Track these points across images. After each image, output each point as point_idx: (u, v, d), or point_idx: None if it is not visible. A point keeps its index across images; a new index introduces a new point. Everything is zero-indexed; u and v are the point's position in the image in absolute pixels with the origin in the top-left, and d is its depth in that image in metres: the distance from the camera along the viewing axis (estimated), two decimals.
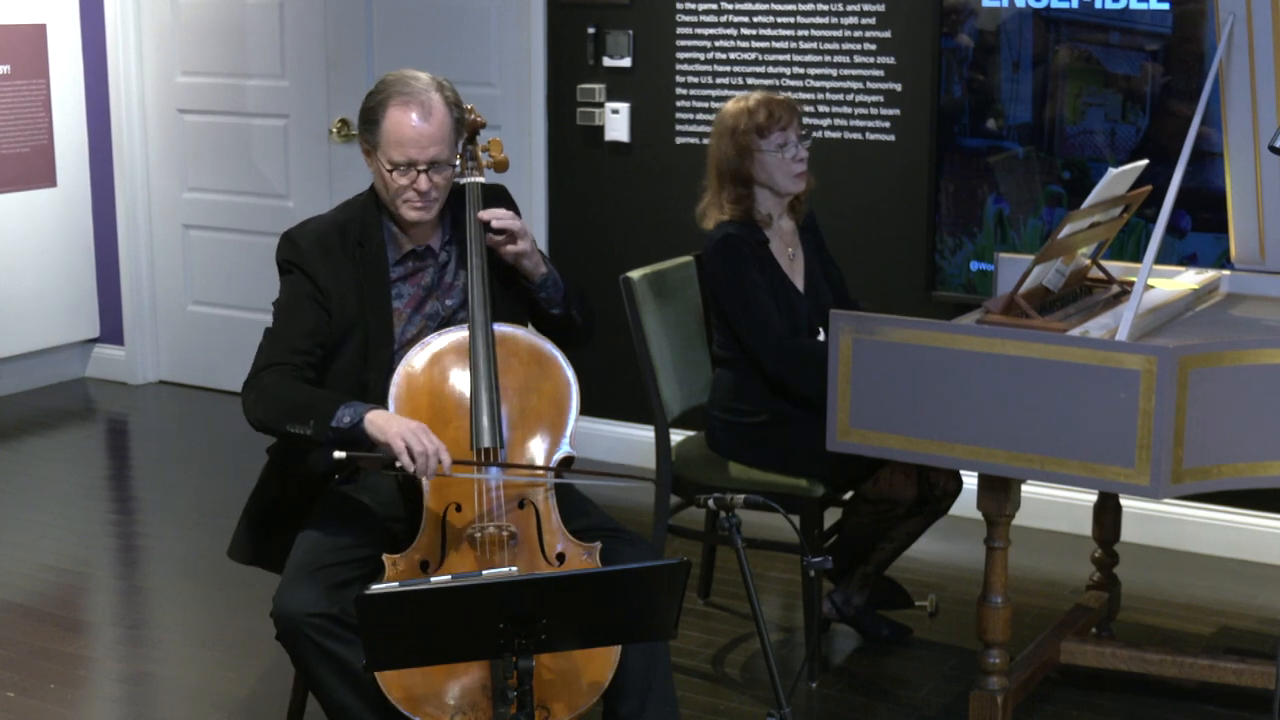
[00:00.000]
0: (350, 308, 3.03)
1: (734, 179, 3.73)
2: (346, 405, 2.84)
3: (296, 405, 2.88)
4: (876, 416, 3.26)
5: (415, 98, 2.99)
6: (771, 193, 3.76)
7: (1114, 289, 3.70)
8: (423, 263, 3.11)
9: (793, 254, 3.84)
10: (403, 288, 3.09)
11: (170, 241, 6.54)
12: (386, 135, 2.99)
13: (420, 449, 2.77)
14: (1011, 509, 3.29)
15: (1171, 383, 2.98)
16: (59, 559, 4.65)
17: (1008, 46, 4.61)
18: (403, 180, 2.99)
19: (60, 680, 3.82)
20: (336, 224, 3.10)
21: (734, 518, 2.69)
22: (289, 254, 3.06)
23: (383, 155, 3.01)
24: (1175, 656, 3.57)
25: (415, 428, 2.79)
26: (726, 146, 3.73)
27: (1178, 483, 3.04)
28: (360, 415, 2.82)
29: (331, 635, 2.78)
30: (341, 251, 3.05)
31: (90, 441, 6.03)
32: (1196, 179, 4.30)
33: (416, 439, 2.77)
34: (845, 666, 3.91)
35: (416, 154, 2.98)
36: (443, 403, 2.95)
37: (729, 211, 3.74)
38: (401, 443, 2.77)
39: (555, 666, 2.76)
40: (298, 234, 3.08)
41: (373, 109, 3.03)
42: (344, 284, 3.03)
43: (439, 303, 3.10)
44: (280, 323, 3.04)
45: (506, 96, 5.55)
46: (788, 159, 3.72)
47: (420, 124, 2.98)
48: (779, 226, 3.81)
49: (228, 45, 6.23)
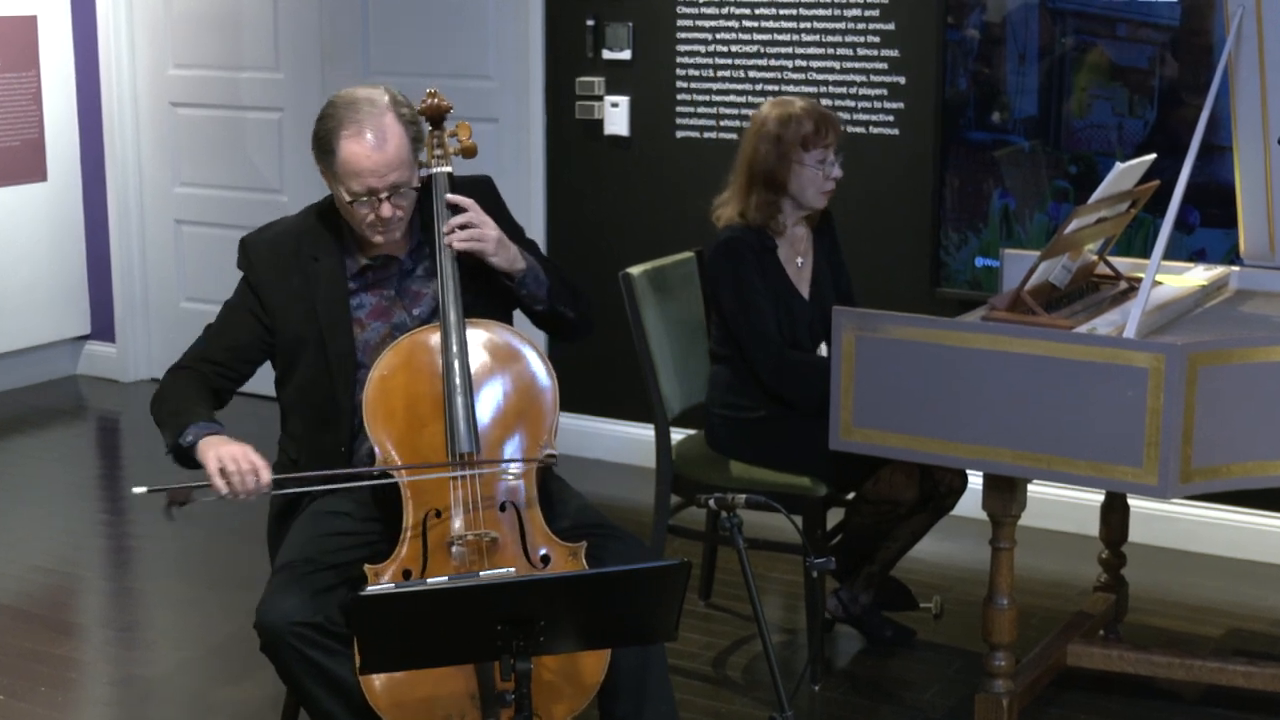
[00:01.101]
0: (297, 321, 3.03)
1: (767, 184, 3.71)
2: (198, 425, 2.89)
3: (168, 412, 2.96)
4: (880, 415, 3.25)
5: (366, 124, 2.92)
6: (795, 204, 3.76)
7: (1121, 285, 3.69)
8: (385, 271, 3.07)
9: (801, 262, 3.83)
10: (364, 297, 3.06)
11: (162, 237, 6.54)
12: (342, 166, 2.93)
13: (234, 469, 2.78)
14: (1017, 509, 3.28)
15: (1180, 381, 2.98)
16: (49, 560, 4.65)
17: (1014, 39, 4.60)
18: (364, 210, 2.96)
19: (50, 683, 3.81)
20: (294, 234, 3.08)
21: (735, 518, 2.69)
22: (241, 263, 3.11)
23: (341, 185, 2.96)
24: (1184, 659, 3.57)
25: (234, 451, 2.81)
26: (768, 151, 3.70)
27: (1186, 482, 3.04)
28: (199, 437, 2.87)
29: (316, 645, 2.77)
30: (294, 264, 3.05)
31: (81, 440, 6.03)
32: (1205, 173, 4.30)
33: (232, 460, 2.79)
34: (848, 669, 3.91)
35: (375, 183, 2.92)
36: (417, 406, 2.92)
37: (752, 215, 3.73)
38: (216, 464, 2.79)
39: (550, 667, 2.75)
40: (251, 243, 3.10)
41: (325, 137, 2.96)
42: (293, 297, 3.03)
43: (406, 312, 3.06)
44: (215, 328, 3.11)
45: (504, 89, 5.54)
46: (823, 176, 3.72)
47: (375, 152, 2.91)
48: (791, 234, 3.81)
49: (221, 37, 6.23)
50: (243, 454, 2.81)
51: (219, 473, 2.78)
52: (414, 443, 2.89)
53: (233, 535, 4.64)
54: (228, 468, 2.78)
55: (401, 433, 2.89)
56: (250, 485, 2.79)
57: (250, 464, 2.80)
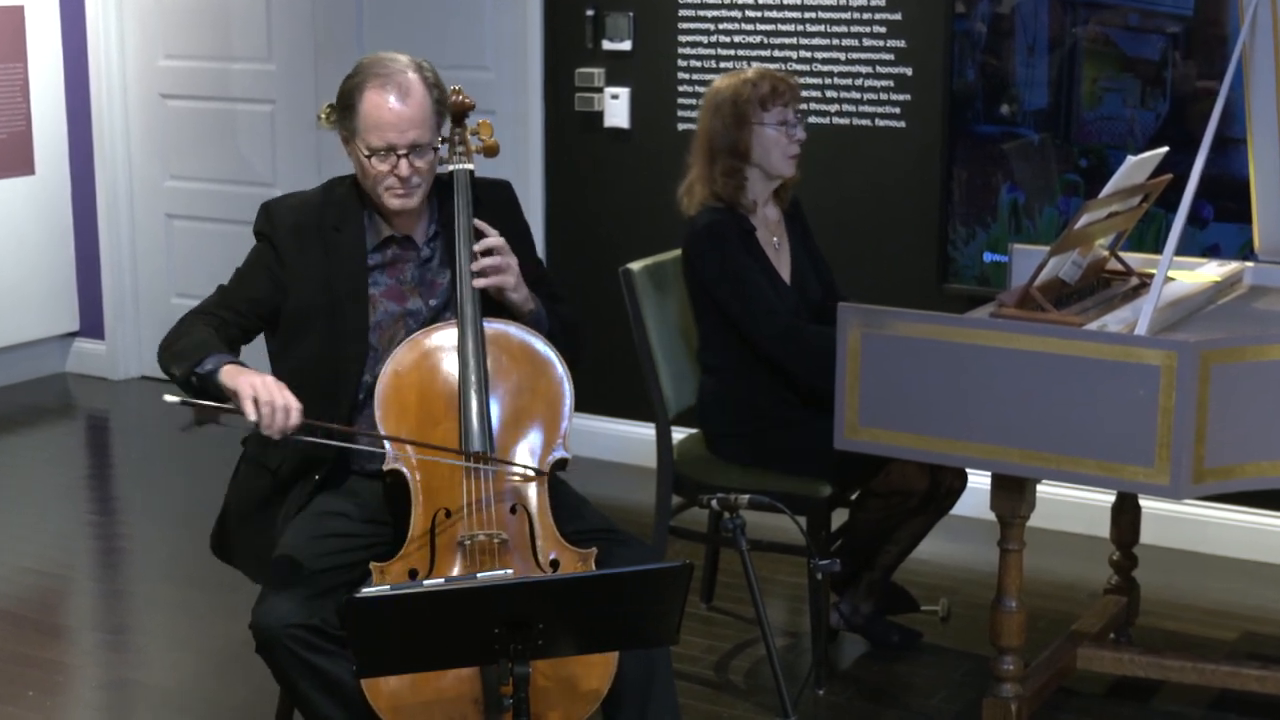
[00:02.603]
0: (312, 292, 3.03)
1: (729, 152, 3.69)
2: (216, 355, 2.87)
3: (183, 348, 2.92)
4: (886, 414, 3.26)
5: (391, 79, 2.98)
6: (762, 174, 3.73)
7: (1133, 281, 3.69)
8: (403, 253, 3.09)
9: (778, 244, 3.82)
10: (379, 276, 3.07)
11: (153, 231, 6.54)
12: (363, 120, 2.98)
13: (267, 399, 2.75)
14: (1026, 510, 3.29)
15: (1193, 379, 2.98)
16: (37, 561, 4.65)
17: (1023, 29, 4.60)
18: (382, 166, 2.98)
19: (39, 687, 3.82)
20: (316, 205, 3.11)
21: (738, 519, 2.69)
22: (262, 225, 3.10)
23: (360, 141, 3.00)
24: (1196, 663, 3.57)
25: (268, 382, 2.79)
26: (724, 117, 3.68)
27: (1199, 482, 3.04)
28: (220, 364, 2.84)
29: (313, 647, 2.78)
30: (316, 233, 3.06)
31: (70, 439, 6.03)
32: (1219, 167, 4.30)
33: (265, 391, 2.76)
34: (853, 673, 3.91)
35: (395, 138, 2.96)
36: (431, 403, 2.93)
37: (720, 187, 3.69)
38: (250, 391, 2.76)
39: (552, 674, 2.75)
40: (275, 206, 3.12)
41: (348, 93, 3.02)
42: (311, 267, 3.04)
43: (422, 301, 3.08)
44: (231, 284, 3.09)
45: (502, 81, 5.54)
46: (786, 137, 3.70)
47: (398, 106, 2.96)
48: (764, 214, 3.79)
49: (212, 28, 6.23)
50: (277, 387, 2.78)
51: (251, 400, 2.75)
52: (426, 440, 2.89)
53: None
54: (260, 396, 2.75)
55: (413, 430, 2.90)
56: (280, 422, 2.76)
57: (284, 400, 2.77)
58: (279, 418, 2.76)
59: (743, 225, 3.71)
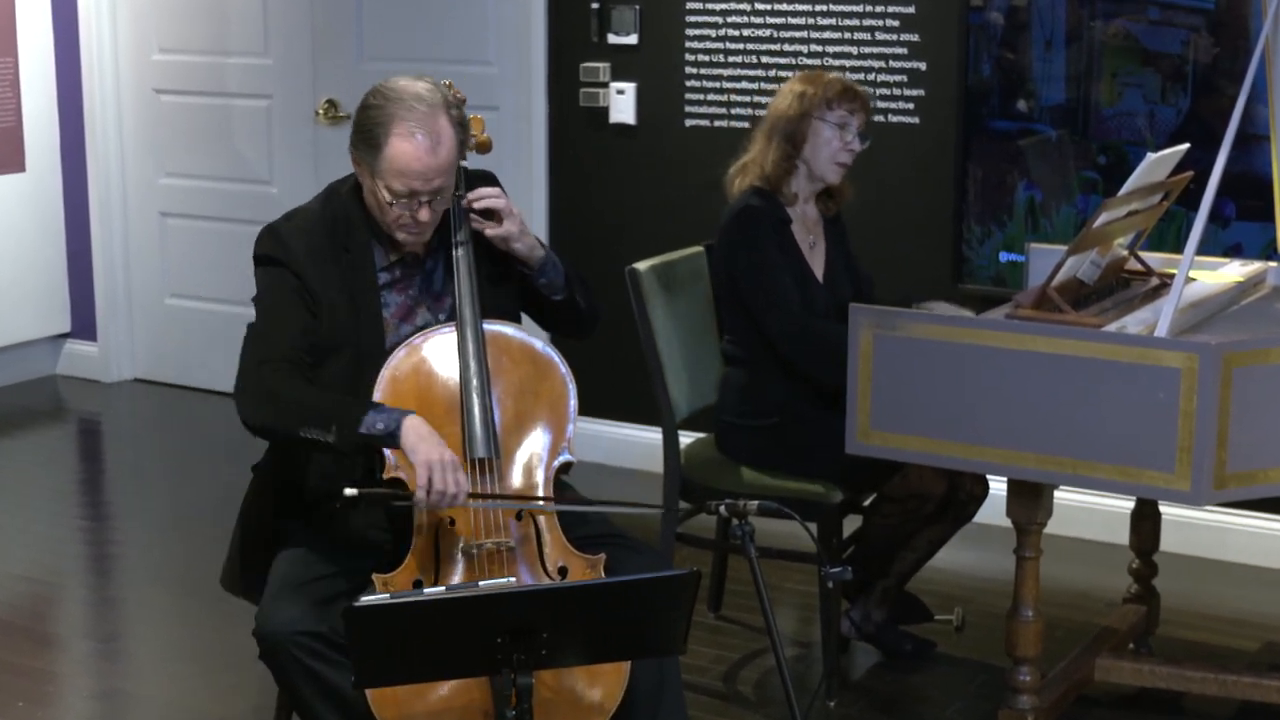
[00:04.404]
0: (340, 316, 2.95)
1: (786, 138, 3.76)
2: (377, 410, 2.78)
3: (313, 407, 2.81)
4: (898, 417, 3.26)
5: (423, 125, 2.87)
6: (808, 172, 3.77)
7: (1153, 282, 3.70)
8: (409, 268, 3.04)
9: (813, 242, 3.85)
10: (389, 296, 3.02)
11: (146, 230, 6.55)
12: (389, 163, 2.88)
13: (441, 488, 2.72)
14: (1043, 516, 3.29)
15: (1214, 382, 2.98)
16: (27, 568, 4.66)
17: (1040, 23, 4.61)
18: (400, 212, 2.91)
19: (28, 698, 3.82)
20: (324, 220, 3.00)
21: (747, 525, 2.69)
22: (273, 249, 2.97)
23: (380, 181, 2.90)
24: (1218, 674, 3.56)
25: (449, 461, 2.73)
26: (791, 103, 3.77)
27: (1221, 488, 3.04)
28: (396, 422, 2.76)
29: (318, 655, 2.77)
30: (329, 255, 2.97)
31: (61, 443, 6.04)
32: (1241, 164, 4.30)
33: (442, 475, 2.72)
34: (865, 684, 3.91)
35: (420, 186, 2.88)
36: (431, 409, 2.89)
37: (770, 166, 3.75)
38: (425, 471, 2.71)
39: (560, 686, 2.75)
40: (283, 229, 2.99)
41: (372, 129, 2.89)
42: (332, 289, 2.96)
43: (430, 314, 3.03)
44: (269, 318, 2.94)
45: (505, 76, 5.55)
46: (839, 142, 3.74)
47: (428, 158, 2.87)
48: (803, 210, 3.82)
49: (207, 21, 6.24)
50: (453, 465, 2.73)
51: (425, 485, 2.70)
52: None
53: (217, 543, 4.64)
54: (434, 481, 2.71)
55: None
56: (445, 505, 2.74)
57: (457, 483, 2.73)
58: (446, 501, 2.74)
59: (779, 214, 3.75)
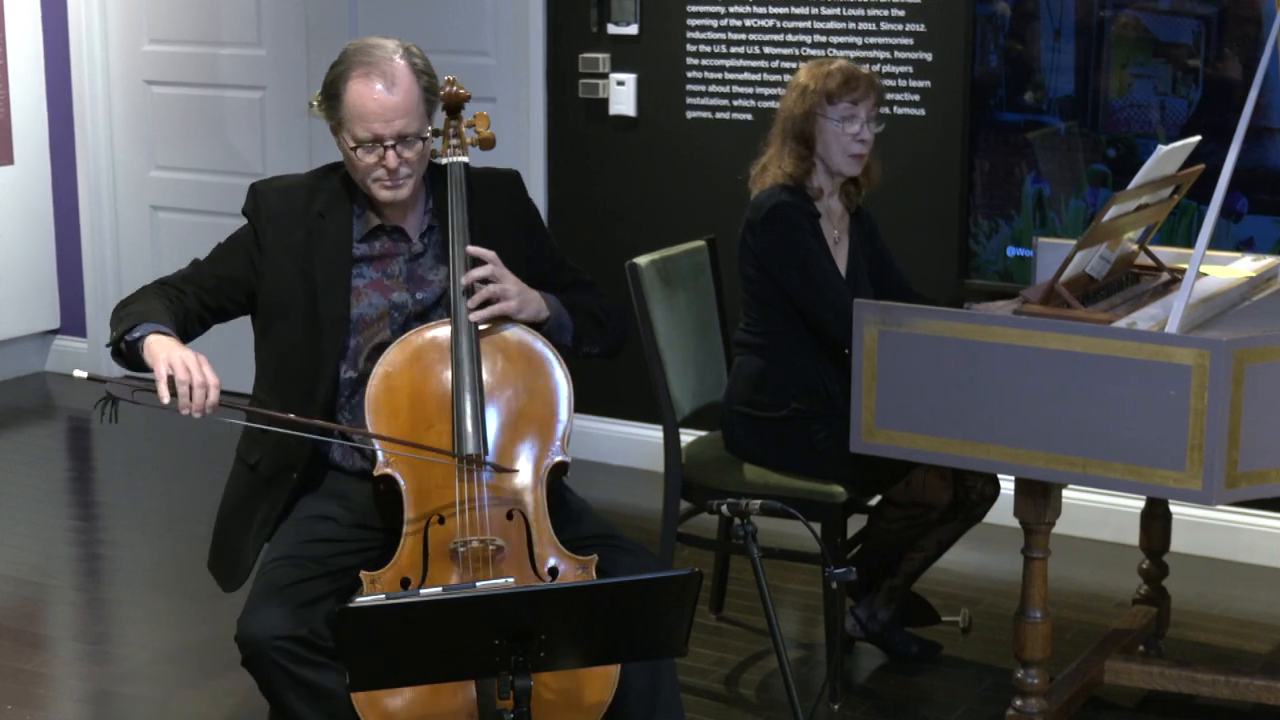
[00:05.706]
0: (290, 278, 3.05)
1: (797, 138, 3.76)
2: (150, 323, 2.89)
3: (129, 312, 2.95)
4: (904, 416, 3.26)
5: (377, 66, 2.98)
6: (825, 167, 3.77)
7: (1163, 277, 3.69)
8: (394, 245, 3.09)
9: (837, 237, 3.84)
10: (365, 269, 3.08)
11: (137, 224, 6.55)
12: (349, 110, 2.99)
13: (184, 378, 2.77)
14: (1051, 516, 3.29)
15: (1226, 379, 2.98)
16: (16, 568, 4.66)
17: (1048, 13, 4.60)
18: (369, 158, 2.99)
19: (17, 700, 3.82)
20: (305, 189, 3.13)
21: (749, 525, 2.69)
22: (248, 206, 3.14)
23: (346, 132, 3.00)
24: (1229, 676, 3.57)
25: (187, 357, 2.80)
26: (795, 102, 3.76)
27: (1232, 487, 3.04)
28: (148, 334, 2.87)
29: (301, 660, 2.78)
30: (300, 218, 3.08)
31: (50, 441, 6.04)
32: (1254, 157, 4.30)
33: (183, 367, 2.77)
34: (870, 686, 3.92)
35: (381, 128, 2.96)
36: (423, 405, 2.93)
37: (789, 166, 3.75)
38: (165, 369, 2.77)
39: (554, 686, 2.75)
40: (262, 189, 3.16)
41: (334, 82, 3.02)
42: (293, 250, 3.06)
43: (409, 294, 3.07)
44: (207, 258, 3.16)
45: (502, 67, 5.55)
46: (847, 135, 3.72)
47: (384, 95, 2.96)
48: (828, 205, 3.82)
49: (199, 11, 6.24)
50: (196, 364, 2.80)
51: (166, 379, 2.77)
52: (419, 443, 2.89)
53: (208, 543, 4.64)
54: (178, 375, 2.77)
55: (405, 433, 2.90)
56: (199, 400, 2.77)
57: (202, 377, 2.78)
58: (196, 395, 2.77)
59: (809, 208, 3.75)
